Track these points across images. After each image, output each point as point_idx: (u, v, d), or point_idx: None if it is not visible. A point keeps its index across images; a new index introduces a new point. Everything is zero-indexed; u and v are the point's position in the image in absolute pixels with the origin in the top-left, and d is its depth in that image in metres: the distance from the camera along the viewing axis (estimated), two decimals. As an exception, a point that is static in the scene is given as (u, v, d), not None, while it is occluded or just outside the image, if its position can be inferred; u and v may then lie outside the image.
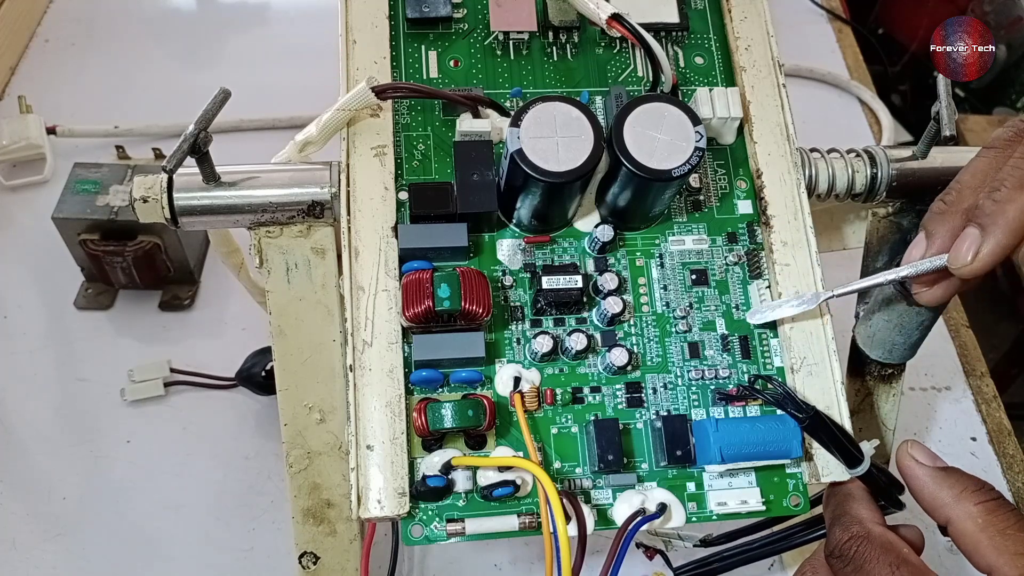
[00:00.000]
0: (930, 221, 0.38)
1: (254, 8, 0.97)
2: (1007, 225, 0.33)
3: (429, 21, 0.44)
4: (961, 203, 0.36)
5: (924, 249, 0.37)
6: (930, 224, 0.37)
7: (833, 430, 0.37)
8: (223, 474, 0.62)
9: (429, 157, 0.42)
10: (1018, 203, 0.33)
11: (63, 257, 0.68)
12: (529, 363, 0.40)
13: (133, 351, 0.67)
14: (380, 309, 0.39)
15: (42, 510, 0.60)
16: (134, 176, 0.54)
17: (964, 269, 0.34)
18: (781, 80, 0.45)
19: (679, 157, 0.37)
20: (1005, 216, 0.33)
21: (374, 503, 0.37)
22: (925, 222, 0.38)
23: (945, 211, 0.37)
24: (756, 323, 0.41)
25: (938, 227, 0.37)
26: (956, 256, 0.35)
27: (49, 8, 0.93)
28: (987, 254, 0.33)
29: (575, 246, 0.42)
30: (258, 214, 0.42)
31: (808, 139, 0.46)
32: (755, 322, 0.41)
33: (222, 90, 0.38)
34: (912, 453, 0.37)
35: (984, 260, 0.34)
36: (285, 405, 0.43)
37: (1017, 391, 1.10)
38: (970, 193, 0.36)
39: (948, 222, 0.37)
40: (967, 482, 0.35)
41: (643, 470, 0.40)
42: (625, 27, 0.42)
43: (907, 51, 1.40)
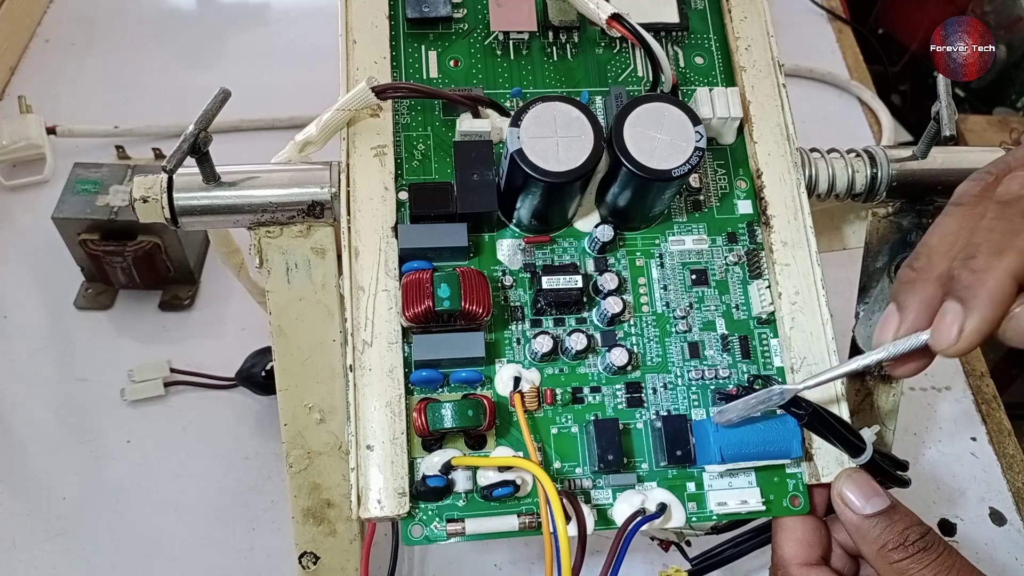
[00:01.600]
0: (900, 291, 0.34)
1: (254, 8, 0.97)
2: (989, 298, 0.30)
3: (429, 21, 0.44)
4: (932, 270, 0.33)
5: (897, 323, 0.34)
6: (900, 295, 0.34)
7: (834, 424, 0.37)
8: (223, 474, 0.62)
9: (429, 157, 0.42)
10: (998, 272, 0.30)
11: (63, 257, 0.68)
12: (529, 363, 0.40)
13: (133, 351, 0.67)
14: (380, 309, 0.39)
15: (42, 510, 0.60)
16: (134, 176, 0.54)
17: (949, 350, 0.31)
18: (781, 80, 0.45)
19: (679, 157, 0.37)
20: (986, 287, 0.30)
21: (374, 503, 0.37)
22: (895, 293, 0.35)
23: (915, 280, 0.34)
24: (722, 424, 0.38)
25: (909, 298, 0.34)
26: (939, 336, 0.31)
27: (49, 8, 0.93)
28: (972, 331, 0.30)
29: (575, 246, 0.42)
30: (258, 214, 0.42)
31: (808, 139, 0.46)
32: (721, 423, 0.38)
33: (222, 90, 0.38)
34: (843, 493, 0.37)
35: (970, 338, 0.30)
36: (285, 405, 0.43)
37: (1017, 391, 1.10)
38: (940, 258, 0.33)
39: (920, 292, 0.33)
40: (890, 535, 0.35)
41: (643, 470, 0.40)
42: (625, 27, 0.42)
43: (907, 51, 1.40)
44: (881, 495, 0.37)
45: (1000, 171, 0.33)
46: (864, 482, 0.37)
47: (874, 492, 0.37)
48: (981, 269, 0.30)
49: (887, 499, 0.37)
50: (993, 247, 0.30)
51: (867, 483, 0.37)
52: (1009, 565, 0.60)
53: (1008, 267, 0.30)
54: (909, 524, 0.36)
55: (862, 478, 0.37)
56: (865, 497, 0.37)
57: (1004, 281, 0.30)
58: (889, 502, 0.37)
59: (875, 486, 0.37)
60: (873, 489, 0.37)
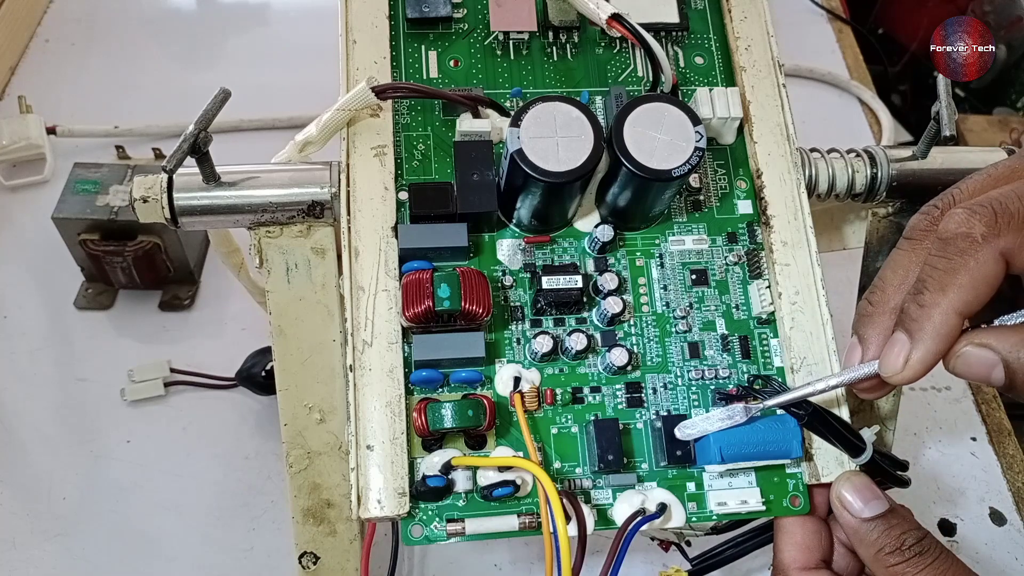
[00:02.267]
0: (860, 324, 0.37)
1: (254, 8, 0.97)
2: (934, 331, 0.32)
3: (429, 21, 0.44)
4: (887, 303, 0.36)
5: (859, 354, 0.36)
6: (860, 328, 0.37)
7: (833, 424, 0.37)
8: (223, 474, 0.62)
9: (429, 157, 0.42)
10: (942, 307, 0.32)
11: (63, 257, 0.68)
12: (529, 363, 0.40)
13: (133, 351, 0.67)
14: (380, 309, 0.39)
15: (42, 510, 0.60)
16: (134, 176, 0.54)
17: (895, 377, 0.33)
18: (781, 80, 0.45)
19: (679, 157, 0.37)
20: (932, 322, 0.32)
21: (374, 503, 0.37)
22: (856, 326, 0.37)
23: (872, 313, 0.36)
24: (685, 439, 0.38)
25: (868, 330, 0.36)
26: (886, 364, 0.33)
27: (49, 8, 0.93)
28: (917, 362, 0.32)
29: (575, 246, 0.42)
30: (258, 214, 0.42)
31: (808, 139, 0.46)
32: (684, 438, 0.38)
33: (222, 90, 0.38)
34: (841, 496, 0.37)
35: (915, 368, 0.32)
36: (285, 405, 0.43)
37: (1017, 391, 1.10)
38: (893, 291, 0.35)
39: (878, 324, 0.36)
40: (887, 538, 0.36)
41: (643, 470, 0.40)
42: (625, 27, 0.42)
43: (907, 51, 1.40)
44: (880, 498, 0.37)
45: (945, 205, 0.34)
46: (863, 485, 0.37)
47: (873, 495, 0.37)
48: (927, 304, 0.32)
49: (886, 502, 0.37)
50: (937, 284, 0.32)
51: (866, 486, 0.37)
52: (1009, 565, 0.60)
53: (951, 304, 0.31)
54: (906, 528, 0.36)
55: (861, 481, 0.38)
56: (863, 500, 0.37)
57: (948, 316, 0.32)
58: (887, 506, 0.37)
59: (874, 489, 0.37)
60: (872, 492, 0.37)
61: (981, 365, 0.32)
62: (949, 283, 0.32)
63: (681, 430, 0.38)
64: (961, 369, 0.32)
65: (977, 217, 0.32)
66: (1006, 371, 0.31)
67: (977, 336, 0.32)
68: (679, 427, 0.38)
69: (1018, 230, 0.31)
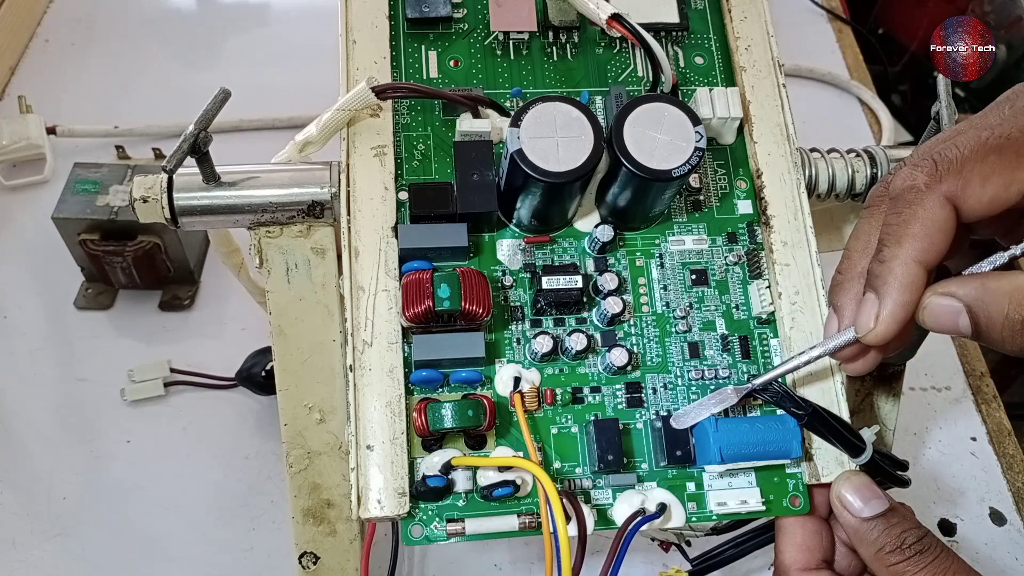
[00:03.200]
0: (832, 294, 0.38)
1: (254, 8, 0.97)
2: (897, 283, 0.33)
3: (429, 21, 0.44)
4: (853, 269, 0.37)
5: (836, 323, 0.37)
6: (833, 297, 0.38)
7: (833, 424, 0.37)
8: (223, 474, 0.62)
9: (429, 157, 0.42)
10: (900, 258, 0.33)
11: (63, 257, 0.68)
12: (529, 363, 0.40)
13: (133, 351, 0.67)
14: (380, 309, 0.39)
15: (42, 510, 0.60)
16: (134, 176, 0.54)
17: (870, 336, 0.34)
18: (781, 80, 0.45)
19: (679, 157, 0.37)
20: (894, 274, 0.33)
21: (374, 503, 0.37)
22: (829, 297, 0.38)
23: (842, 281, 0.37)
24: (680, 427, 0.39)
25: (841, 298, 0.37)
26: (860, 324, 0.34)
27: (49, 8, 0.93)
28: (888, 316, 0.33)
29: (575, 246, 0.42)
30: (258, 214, 0.42)
31: (808, 139, 0.46)
32: (679, 427, 0.39)
33: (222, 90, 0.38)
34: (841, 496, 0.38)
35: (886, 322, 0.33)
36: (285, 405, 0.43)
37: (1017, 391, 1.10)
38: (859, 257, 0.36)
39: (849, 291, 0.37)
40: (887, 537, 0.36)
41: (643, 470, 0.40)
42: (625, 27, 0.42)
43: (907, 51, 1.40)
44: (880, 498, 0.37)
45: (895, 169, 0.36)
46: (863, 484, 0.37)
47: (873, 495, 0.37)
48: (887, 259, 0.33)
49: (886, 502, 0.37)
50: (894, 239, 0.33)
51: (866, 485, 0.37)
52: (1009, 565, 0.61)
53: (908, 254, 0.33)
54: (907, 527, 0.36)
55: (861, 480, 0.38)
56: (864, 500, 0.37)
57: (908, 266, 0.33)
58: (888, 505, 0.37)
59: (874, 489, 0.37)
60: (872, 492, 0.37)
61: (946, 314, 0.32)
62: (903, 235, 0.33)
63: (676, 419, 0.39)
64: (929, 321, 0.33)
65: (919, 169, 0.33)
66: (970, 317, 0.32)
67: (940, 286, 0.33)
68: (674, 416, 0.39)
69: (958, 173, 0.33)
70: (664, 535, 0.51)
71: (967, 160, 0.32)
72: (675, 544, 0.51)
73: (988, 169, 0.32)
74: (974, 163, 0.32)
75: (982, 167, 0.32)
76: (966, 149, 0.33)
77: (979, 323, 0.32)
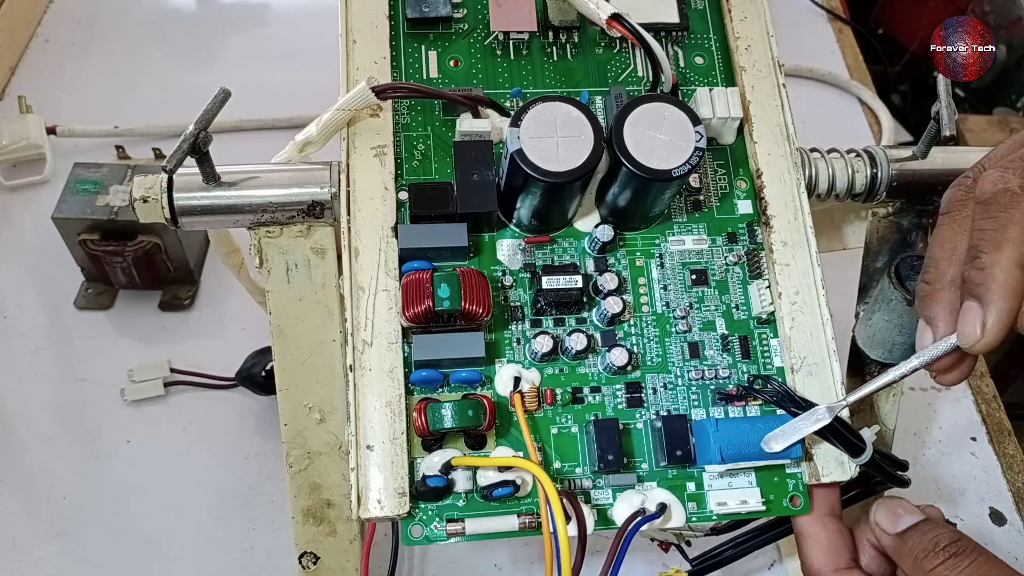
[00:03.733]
0: (923, 306, 0.36)
1: (254, 8, 0.97)
2: (1002, 289, 0.31)
3: (429, 21, 0.44)
4: (943, 278, 0.35)
5: (931, 334, 0.35)
6: (924, 309, 0.36)
7: (834, 424, 0.37)
8: (223, 474, 0.62)
9: (429, 157, 0.42)
10: (1003, 264, 0.31)
11: (63, 257, 0.68)
12: (529, 363, 0.40)
13: (133, 351, 0.67)
14: (380, 309, 0.39)
15: (42, 510, 0.60)
16: (134, 176, 0.54)
17: (977, 345, 0.32)
18: (781, 80, 0.45)
19: (679, 157, 0.37)
20: (996, 281, 0.31)
21: (374, 503, 0.37)
22: (919, 309, 0.36)
23: (931, 291, 0.35)
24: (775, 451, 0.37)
25: (934, 308, 0.35)
26: (964, 335, 0.33)
27: (49, 8, 0.93)
28: (994, 324, 0.32)
29: (575, 246, 0.42)
30: (258, 214, 0.42)
31: (808, 139, 0.46)
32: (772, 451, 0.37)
33: (222, 90, 0.38)
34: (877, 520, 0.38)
35: (994, 331, 0.32)
36: (285, 405, 0.43)
37: (1017, 391, 1.10)
38: (947, 265, 0.35)
39: (941, 300, 0.35)
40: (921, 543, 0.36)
41: (643, 470, 0.40)
42: (625, 27, 0.42)
43: (907, 51, 1.40)
44: (912, 512, 0.37)
45: (976, 173, 0.35)
46: (893, 504, 0.38)
47: (904, 511, 0.37)
48: (987, 266, 0.32)
49: (918, 515, 0.37)
50: (991, 244, 0.32)
51: (896, 504, 0.38)
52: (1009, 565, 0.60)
53: (1009, 258, 0.31)
54: (938, 532, 0.36)
55: (891, 501, 0.38)
56: (895, 517, 0.37)
57: (1011, 271, 0.31)
58: (920, 517, 0.37)
59: (905, 506, 0.38)
60: (904, 508, 0.38)
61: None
62: (1001, 239, 0.32)
63: (768, 444, 0.37)
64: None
65: (1011, 172, 0.32)
66: None
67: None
68: (766, 441, 0.37)
69: None
70: (664, 535, 0.51)
71: None
72: (675, 544, 0.51)
73: None
74: None
75: None
76: None
77: None
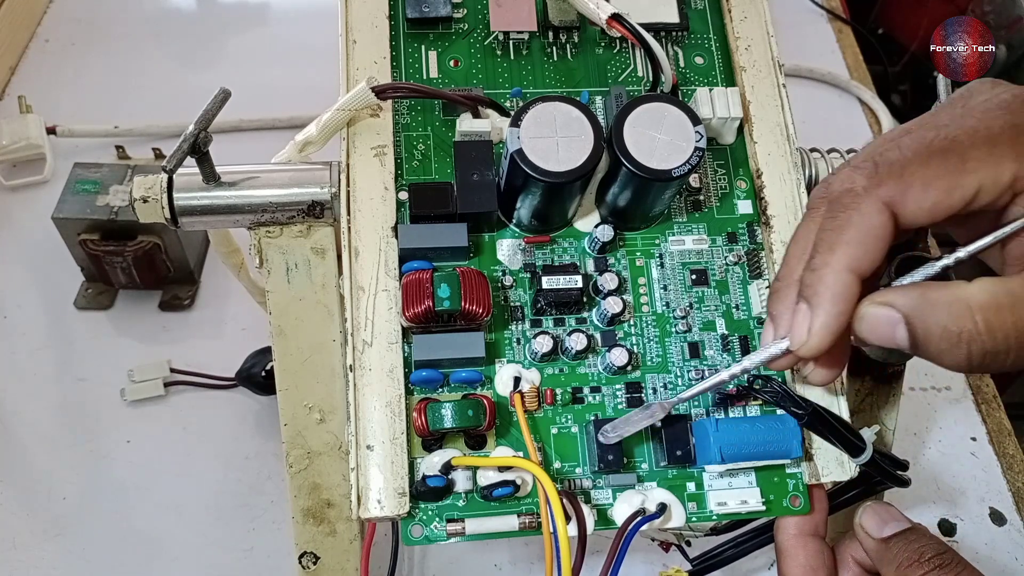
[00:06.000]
0: (769, 303, 0.35)
1: (254, 8, 0.97)
2: (829, 293, 0.31)
3: (429, 21, 0.44)
4: (791, 276, 0.34)
5: (772, 332, 0.35)
6: (771, 306, 0.35)
7: (833, 423, 0.37)
8: (223, 474, 0.62)
9: (429, 157, 0.42)
10: (832, 267, 0.31)
11: (63, 257, 0.68)
12: (529, 363, 0.40)
13: (133, 351, 0.67)
14: (380, 309, 0.39)
15: (42, 510, 0.60)
16: (134, 176, 0.54)
17: (804, 349, 0.32)
18: (781, 80, 0.45)
19: (679, 157, 0.37)
20: (824, 284, 0.31)
21: (374, 503, 0.37)
22: (768, 305, 0.36)
23: (780, 289, 0.35)
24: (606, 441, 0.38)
25: (778, 306, 0.34)
26: (793, 336, 0.32)
27: (49, 8, 0.93)
28: (820, 327, 0.31)
29: (575, 246, 0.42)
30: (258, 214, 0.42)
31: (808, 139, 0.46)
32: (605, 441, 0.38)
33: (222, 90, 0.38)
34: (862, 523, 0.38)
35: (819, 335, 0.31)
36: (285, 405, 0.43)
37: (1017, 391, 1.10)
38: (796, 263, 0.34)
39: (785, 299, 0.34)
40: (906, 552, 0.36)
41: (643, 470, 0.40)
42: (625, 27, 0.42)
43: (907, 51, 1.40)
44: (898, 519, 0.37)
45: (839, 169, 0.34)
46: (880, 509, 0.38)
47: (891, 517, 0.37)
48: (819, 267, 0.31)
49: (904, 522, 0.37)
50: (826, 245, 0.31)
51: (883, 510, 0.38)
52: (1009, 565, 0.61)
53: (840, 262, 0.31)
54: (925, 542, 0.36)
55: (879, 506, 0.38)
56: (881, 522, 0.37)
57: (840, 275, 0.31)
58: (907, 525, 0.37)
59: (892, 512, 0.38)
60: (891, 515, 0.37)
61: (883, 324, 0.31)
62: (836, 241, 0.31)
63: (604, 434, 0.38)
64: (865, 331, 0.31)
65: (859, 171, 0.31)
66: (908, 328, 0.30)
67: (877, 296, 0.31)
68: (602, 431, 0.38)
69: (898, 177, 0.30)
70: (664, 535, 0.51)
71: (909, 163, 0.30)
72: (675, 544, 0.51)
73: (931, 173, 0.30)
74: (916, 167, 0.30)
75: (924, 171, 0.30)
76: (909, 151, 0.30)
77: (916, 335, 0.30)
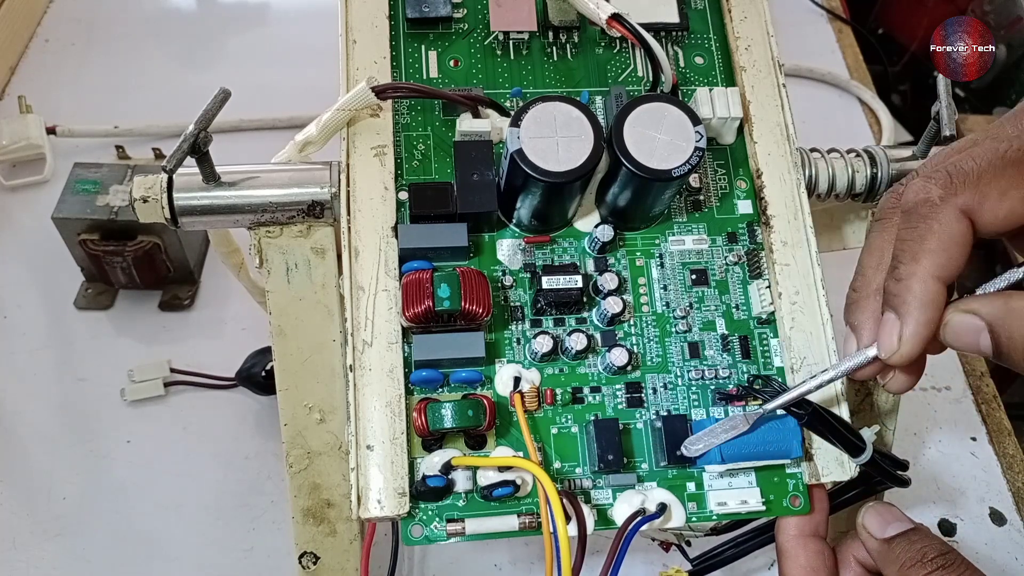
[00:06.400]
0: (848, 314, 0.36)
1: (254, 8, 0.97)
2: (917, 301, 0.32)
3: (429, 21, 0.44)
4: (869, 286, 0.35)
5: (855, 342, 0.36)
6: (850, 317, 0.36)
7: (833, 423, 0.37)
8: (223, 474, 0.62)
9: (429, 157, 0.42)
10: (919, 275, 0.32)
11: (63, 257, 0.68)
12: (529, 363, 0.40)
13: (133, 351, 0.67)
14: (380, 309, 0.39)
15: (42, 510, 0.60)
16: (134, 176, 0.54)
17: (895, 357, 0.33)
18: (781, 80, 0.45)
19: (679, 157, 0.37)
20: (912, 293, 0.32)
21: (374, 503, 0.37)
22: (845, 316, 0.37)
23: (857, 299, 0.36)
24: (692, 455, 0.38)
25: (859, 317, 0.36)
26: (883, 345, 0.33)
27: (49, 8, 0.93)
28: (910, 336, 0.32)
29: (575, 246, 0.42)
30: (258, 214, 0.42)
31: (808, 139, 0.46)
32: (690, 455, 0.38)
33: (222, 90, 0.38)
34: (865, 523, 0.38)
35: (909, 343, 0.32)
36: (285, 405, 0.43)
37: (1017, 391, 1.10)
38: (873, 273, 0.35)
39: (865, 308, 0.35)
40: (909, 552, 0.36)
41: (643, 470, 0.40)
42: (625, 27, 0.42)
43: (907, 51, 1.40)
44: (901, 520, 0.37)
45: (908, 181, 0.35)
46: (883, 510, 0.38)
47: (894, 517, 0.37)
48: (904, 277, 0.32)
49: (907, 523, 0.37)
50: (909, 255, 0.32)
51: (886, 510, 0.38)
52: (1009, 565, 0.61)
53: (926, 270, 0.32)
54: (928, 543, 0.36)
55: (882, 507, 0.38)
56: (884, 522, 0.37)
57: (926, 283, 0.32)
58: (909, 525, 0.37)
59: (895, 512, 0.38)
60: (893, 515, 0.38)
61: (968, 332, 0.31)
62: (919, 250, 0.32)
63: (687, 447, 0.38)
64: (950, 338, 0.32)
65: (932, 181, 0.32)
66: (992, 336, 0.31)
67: (962, 303, 0.32)
68: (685, 445, 0.38)
69: (975, 186, 0.31)
70: (664, 535, 0.51)
71: (984, 173, 0.31)
72: (675, 544, 0.51)
73: (1006, 183, 0.31)
74: (991, 176, 0.31)
75: (1000, 181, 0.31)
76: (983, 161, 0.32)
77: (1000, 343, 0.31)
